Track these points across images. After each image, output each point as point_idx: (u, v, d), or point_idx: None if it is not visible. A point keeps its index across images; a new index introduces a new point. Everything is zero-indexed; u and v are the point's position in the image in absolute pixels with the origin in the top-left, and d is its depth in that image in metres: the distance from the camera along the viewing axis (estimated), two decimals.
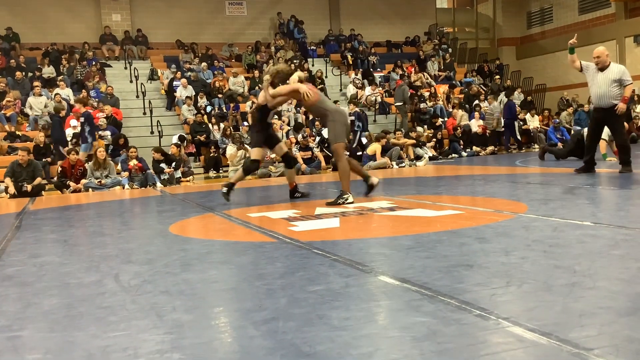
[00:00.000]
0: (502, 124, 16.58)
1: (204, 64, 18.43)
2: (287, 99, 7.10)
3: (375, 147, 13.38)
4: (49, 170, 12.65)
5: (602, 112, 7.92)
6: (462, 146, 16.07)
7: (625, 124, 10.21)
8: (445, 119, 17.29)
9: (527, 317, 2.21)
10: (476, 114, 16.92)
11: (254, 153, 7.19)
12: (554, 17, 23.83)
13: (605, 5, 21.60)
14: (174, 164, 12.25)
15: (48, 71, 17.03)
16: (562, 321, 2.15)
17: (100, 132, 13.78)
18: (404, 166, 13.23)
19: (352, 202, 6.14)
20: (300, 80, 6.57)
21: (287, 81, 6.65)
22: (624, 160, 7.91)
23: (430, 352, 1.94)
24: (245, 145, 13.13)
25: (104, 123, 14.17)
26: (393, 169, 12.80)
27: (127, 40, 19.81)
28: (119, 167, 12.32)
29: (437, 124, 16.55)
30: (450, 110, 17.82)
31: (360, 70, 20.00)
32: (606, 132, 8.98)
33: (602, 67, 7.88)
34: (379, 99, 18.33)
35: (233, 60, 20.20)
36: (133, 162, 11.71)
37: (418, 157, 14.10)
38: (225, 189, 6.97)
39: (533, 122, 17.39)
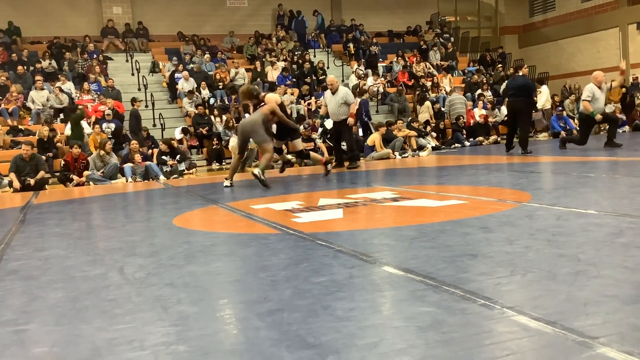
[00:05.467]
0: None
1: (207, 55, 18.39)
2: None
3: (374, 138, 13.32)
4: (52, 164, 12.66)
5: (337, 124, 10.71)
6: (465, 136, 16.03)
7: (622, 115, 11.04)
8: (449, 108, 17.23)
9: (531, 306, 2.21)
10: (479, 103, 16.87)
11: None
12: (557, 5, 23.69)
13: None
14: (178, 156, 12.27)
15: (47, 64, 16.99)
16: (567, 310, 2.16)
17: (104, 125, 13.80)
18: (406, 156, 13.20)
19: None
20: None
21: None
22: (351, 157, 10.70)
23: (435, 342, 1.94)
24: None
25: (110, 114, 14.18)
26: (396, 160, 12.78)
27: (128, 32, 19.76)
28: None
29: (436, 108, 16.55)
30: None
31: (363, 60, 19.93)
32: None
33: (334, 91, 10.40)
34: (381, 89, 18.28)
35: (234, 52, 20.15)
36: (137, 157, 11.72)
37: (421, 148, 14.07)
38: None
39: (542, 97, 17.32)
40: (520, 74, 11.79)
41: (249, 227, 4.81)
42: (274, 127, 8.85)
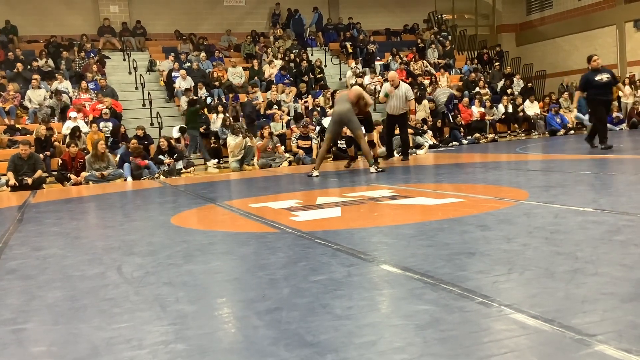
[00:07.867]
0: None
1: (203, 54, 18.37)
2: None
3: (371, 136, 13.29)
4: (49, 163, 12.65)
5: (394, 117, 11.11)
6: (462, 134, 16.04)
7: (618, 114, 10.62)
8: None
9: (529, 304, 2.22)
10: (476, 101, 16.89)
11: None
12: (554, 3, 23.71)
13: None
14: (175, 155, 12.27)
15: (42, 63, 16.94)
16: (565, 308, 2.16)
17: (101, 124, 13.78)
18: None
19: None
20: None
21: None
22: (404, 152, 11.36)
23: (433, 340, 1.95)
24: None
25: (107, 113, 14.15)
26: (393, 158, 12.75)
27: (125, 31, 19.72)
28: (116, 158, 12.31)
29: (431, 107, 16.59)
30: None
31: (360, 58, 19.93)
32: None
33: (395, 86, 10.86)
34: (378, 88, 18.26)
35: (232, 51, 20.12)
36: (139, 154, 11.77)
37: (418, 146, 14.07)
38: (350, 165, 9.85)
39: (533, 108, 17.39)
40: (589, 68, 10.05)
41: (247, 226, 4.80)
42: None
